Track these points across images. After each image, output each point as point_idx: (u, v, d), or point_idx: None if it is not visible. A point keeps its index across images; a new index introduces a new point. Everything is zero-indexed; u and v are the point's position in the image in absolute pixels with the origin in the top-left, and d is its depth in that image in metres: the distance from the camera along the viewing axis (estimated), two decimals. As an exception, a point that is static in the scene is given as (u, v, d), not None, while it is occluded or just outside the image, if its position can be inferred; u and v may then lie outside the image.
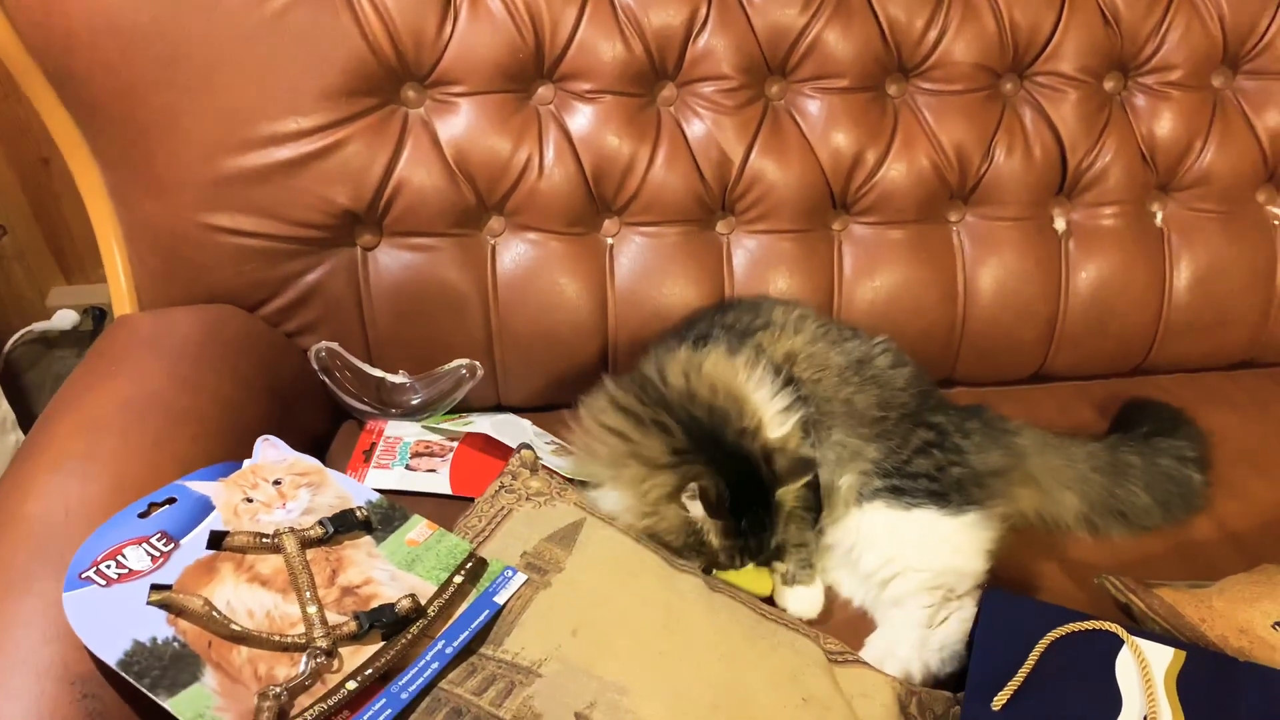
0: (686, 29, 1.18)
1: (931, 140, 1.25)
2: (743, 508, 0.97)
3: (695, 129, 1.21)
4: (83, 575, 0.81)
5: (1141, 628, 0.97)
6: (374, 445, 1.19)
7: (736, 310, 1.17)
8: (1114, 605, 1.03)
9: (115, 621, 0.78)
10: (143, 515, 0.88)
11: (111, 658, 0.76)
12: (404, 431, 1.22)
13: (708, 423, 1.00)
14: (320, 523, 0.91)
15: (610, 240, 1.24)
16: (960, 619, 0.99)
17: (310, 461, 1.01)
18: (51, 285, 1.75)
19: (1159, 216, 1.34)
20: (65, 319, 1.73)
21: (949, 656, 0.97)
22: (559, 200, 1.20)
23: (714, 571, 1.02)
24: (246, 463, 0.98)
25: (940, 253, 1.29)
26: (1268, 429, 1.31)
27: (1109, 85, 1.30)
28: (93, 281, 1.75)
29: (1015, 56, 1.26)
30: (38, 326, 1.73)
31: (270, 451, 1.00)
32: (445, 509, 1.05)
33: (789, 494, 1.00)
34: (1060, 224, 1.31)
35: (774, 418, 1.02)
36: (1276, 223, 1.36)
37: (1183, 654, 0.89)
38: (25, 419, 1.66)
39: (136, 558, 0.84)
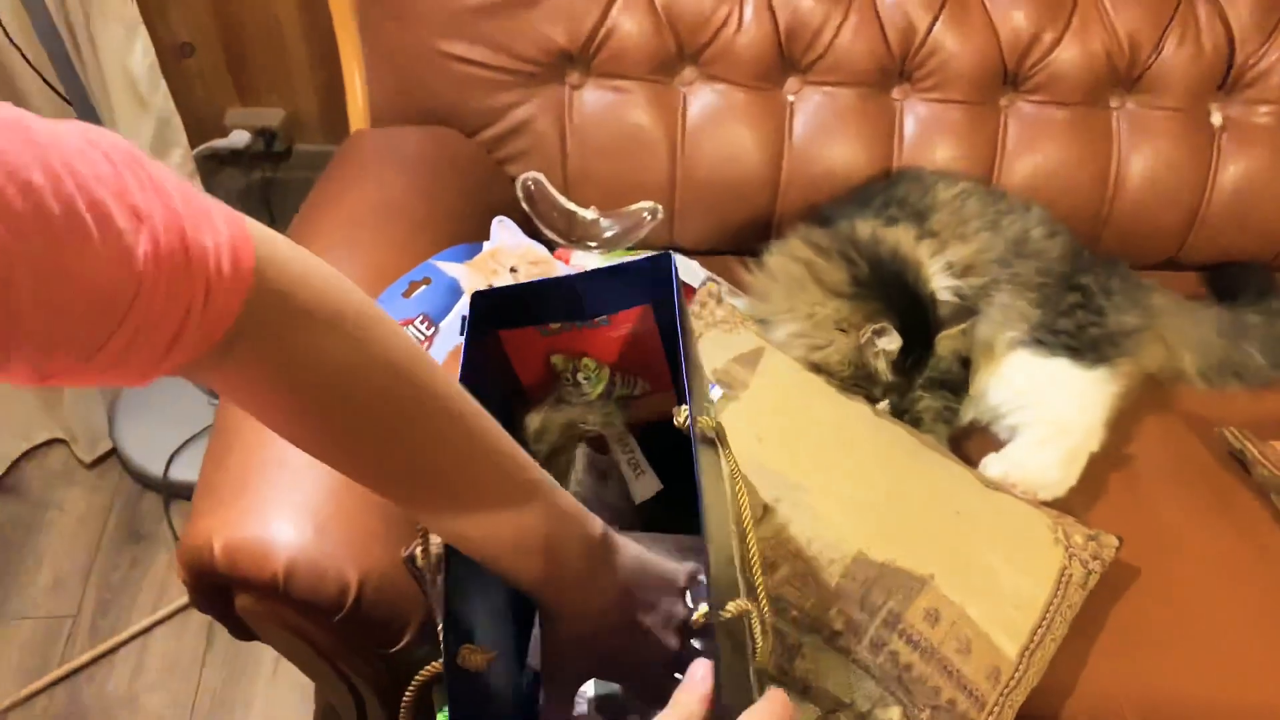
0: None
1: (1107, 26, 1.30)
2: (909, 347, 1.08)
3: (887, -4, 1.27)
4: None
5: (1251, 472, 1.12)
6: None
7: (906, 183, 1.25)
8: (1228, 453, 1.16)
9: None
10: (405, 295, 0.94)
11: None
12: (586, 263, 1.33)
13: (890, 265, 1.10)
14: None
15: (792, 98, 1.31)
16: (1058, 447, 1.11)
17: (541, 250, 1.06)
18: (228, 106, 1.86)
19: (1315, 118, 1.37)
20: (239, 139, 1.85)
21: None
22: (751, 55, 1.27)
23: None
24: (485, 245, 1.04)
25: (1098, 136, 1.35)
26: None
27: (1287, -17, 1.33)
28: (265, 105, 1.86)
29: (1198, -53, 1.29)
30: (215, 144, 1.85)
31: (505, 235, 1.05)
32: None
33: (943, 341, 1.11)
34: (1217, 119, 1.36)
35: (942, 290, 1.12)
36: None
37: None
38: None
39: (407, 340, 0.93)
